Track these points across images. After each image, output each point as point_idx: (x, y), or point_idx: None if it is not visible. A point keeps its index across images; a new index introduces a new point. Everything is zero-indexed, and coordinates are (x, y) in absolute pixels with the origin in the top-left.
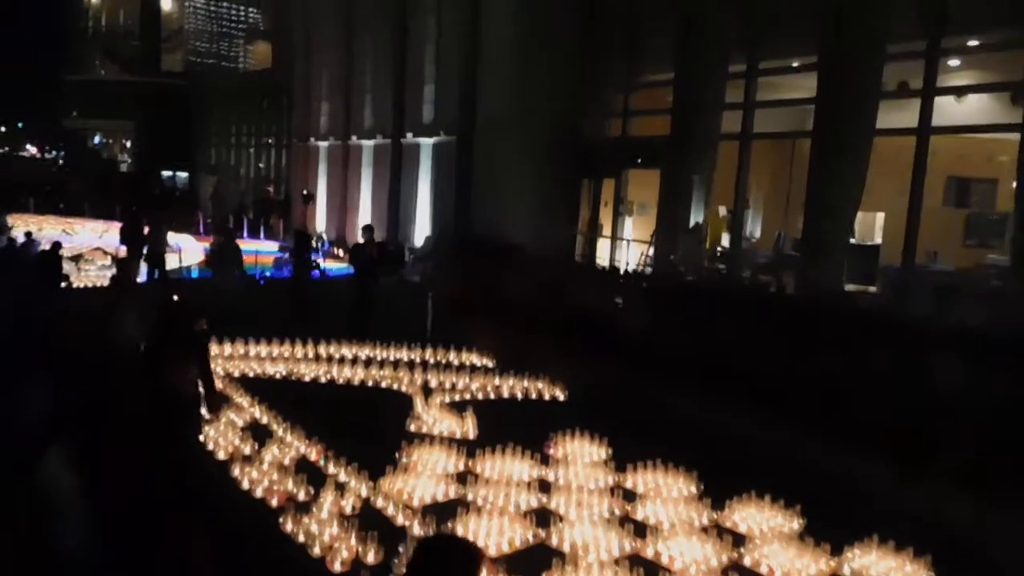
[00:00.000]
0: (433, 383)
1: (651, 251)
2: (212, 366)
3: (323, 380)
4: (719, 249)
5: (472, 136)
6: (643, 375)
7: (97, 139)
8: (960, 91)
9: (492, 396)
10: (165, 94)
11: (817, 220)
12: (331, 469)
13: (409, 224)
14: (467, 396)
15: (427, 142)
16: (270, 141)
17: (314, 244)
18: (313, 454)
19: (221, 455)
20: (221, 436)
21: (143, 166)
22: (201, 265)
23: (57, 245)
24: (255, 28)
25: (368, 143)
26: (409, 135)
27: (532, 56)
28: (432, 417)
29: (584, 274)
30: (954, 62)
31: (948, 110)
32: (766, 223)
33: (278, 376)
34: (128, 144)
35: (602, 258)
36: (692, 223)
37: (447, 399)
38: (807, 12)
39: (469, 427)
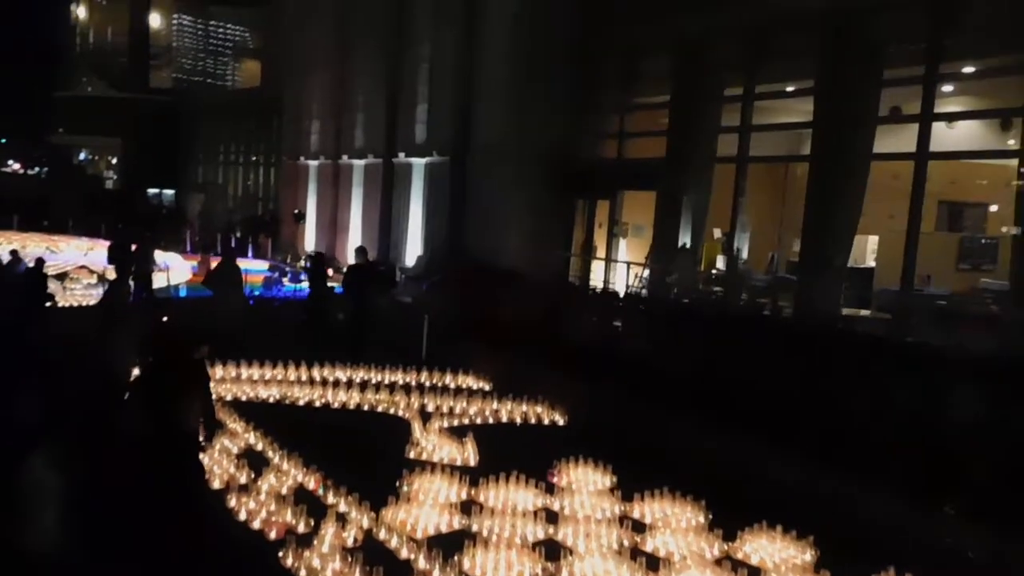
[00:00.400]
0: (430, 407)
1: (645, 273)
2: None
3: (318, 404)
4: (714, 272)
5: (466, 156)
6: (644, 400)
7: (83, 156)
8: (958, 117)
9: (491, 421)
10: (152, 111)
11: (815, 243)
12: (330, 499)
13: (400, 244)
14: (465, 421)
15: (419, 162)
16: (254, 158)
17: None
18: (311, 483)
19: (216, 484)
20: (216, 464)
21: (129, 183)
22: (193, 284)
23: (40, 262)
24: (244, 46)
25: (359, 162)
26: (401, 155)
27: (527, 76)
28: (431, 443)
29: (579, 296)
30: (947, 88)
31: (939, 135)
32: (760, 245)
33: (271, 400)
34: (114, 161)
35: (596, 280)
36: (683, 244)
37: (445, 424)
38: (805, 37)
39: (470, 454)
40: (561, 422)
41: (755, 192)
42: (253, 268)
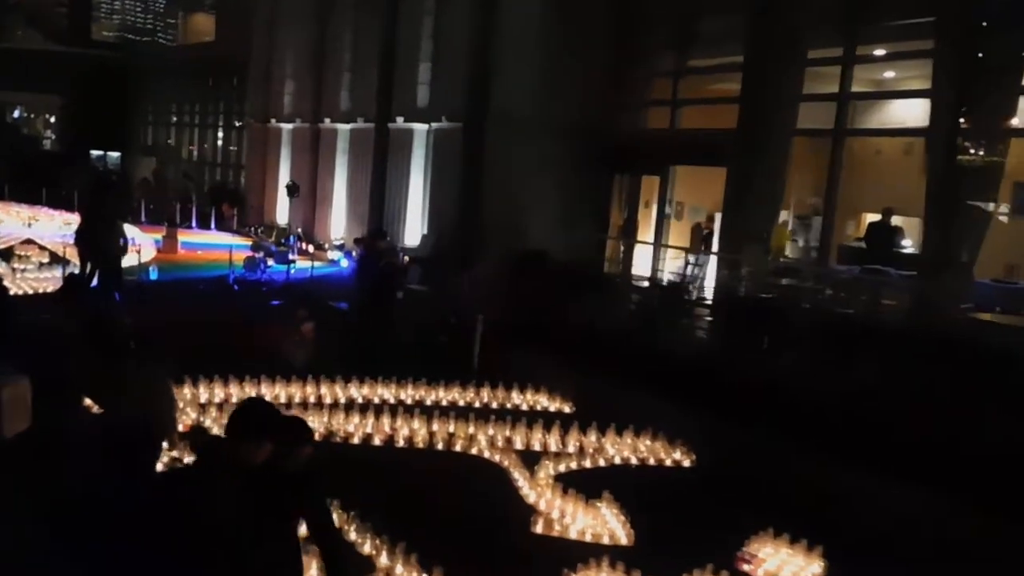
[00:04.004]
0: (518, 443)
1: (696, 260)
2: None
3: (378, 441)
4: (782, 260)
5: (483, 123)
6: (769, 429)
7: (16, 113)
8: None
9: (601, 462)
10: (95, 67)
11: (937, 231)
12: None
13: (397, 221)
14: (572, 464)
15: (421, 128)
16: (211, 120)
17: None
18: None
19: None
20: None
21: (70, 144)
22: (162, 262)
23: None
24: None
25: (344, 127)
26: (399, 120)
27: (560, 32)
28: (554, 507)
29: (626, 288)
30: None
31: None
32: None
33: (317, 436)
34: (52, 120)
35: (639, 268)
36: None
37: (552, 471)
38: None
39: (616, 526)
40: (686, 463)
41: (801, 171)
42: (225, 243)
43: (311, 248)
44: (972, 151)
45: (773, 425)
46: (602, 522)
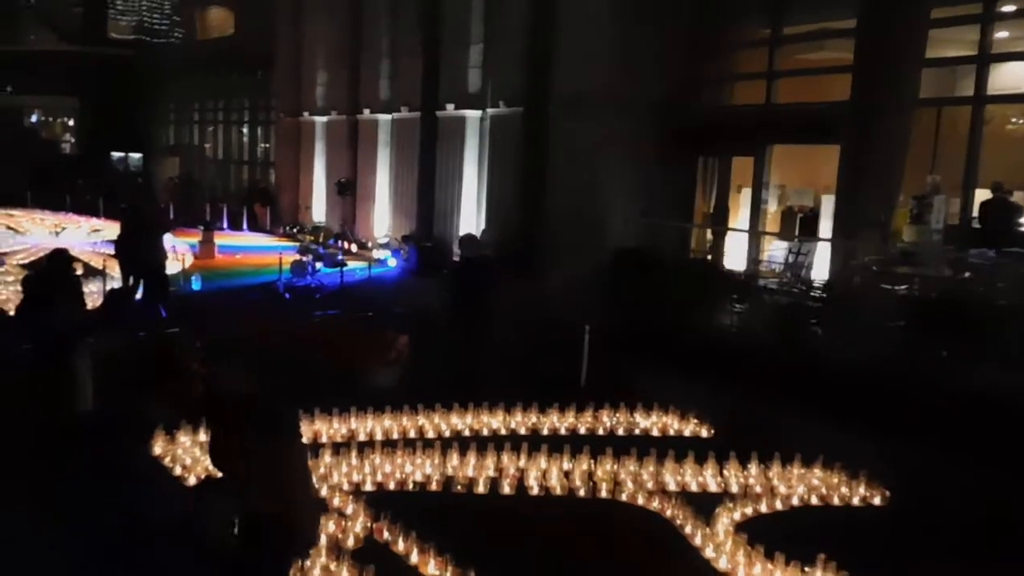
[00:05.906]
0: (671, 483)
1: (798, 248)
2: None
3: (508, 489)
4: (899, 245)
5: (546, 105)
6: (977, 456)
7: (34, 118)
8: None
9: (779, 505)
10: (113, 66)
11: None
12: None
13: (450, 216)
14: (748, 510)
15: (474, 115)
16: (235, 116)
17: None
18: None
19: None
20: None
21: (90, 147)
22: (202, 269)
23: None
24: None
25: (385, 117)
26: (449, 107)
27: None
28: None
29: (730, 283)
30: None
31: None
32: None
33: (434, 486)
34: (71, 123)
35: (729, 259)
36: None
37: (727, 519)
38: None
39: None
40: (877, 500)
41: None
42: (262, 245)
43: (354, 248)
44: None
45: (979, 451)
46: None
